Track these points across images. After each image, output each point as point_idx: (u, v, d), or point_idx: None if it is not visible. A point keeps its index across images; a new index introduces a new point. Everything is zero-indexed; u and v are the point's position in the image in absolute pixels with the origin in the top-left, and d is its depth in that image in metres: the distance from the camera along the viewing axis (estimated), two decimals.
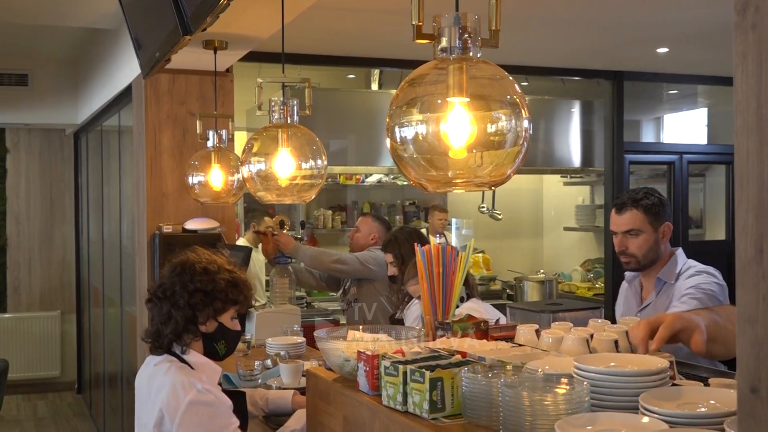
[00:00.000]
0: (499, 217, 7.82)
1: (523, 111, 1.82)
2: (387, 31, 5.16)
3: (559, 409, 1.59)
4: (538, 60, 5.82)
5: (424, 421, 1.85)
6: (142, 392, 2.56)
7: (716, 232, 7.43)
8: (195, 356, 2.50)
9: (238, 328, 2.59)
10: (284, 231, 5.05)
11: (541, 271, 8.45)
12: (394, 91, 6.57)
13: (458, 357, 2.03)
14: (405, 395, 1.92)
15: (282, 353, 3.55)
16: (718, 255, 6.64)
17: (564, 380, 1.65)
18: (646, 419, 1.50)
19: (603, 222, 7.57)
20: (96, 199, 7.37)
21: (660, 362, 1.71)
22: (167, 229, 4.63)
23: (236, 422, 2.42)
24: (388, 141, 1.86)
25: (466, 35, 1.82)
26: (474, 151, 1.82)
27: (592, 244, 8.49)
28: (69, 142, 8.61)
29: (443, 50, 1.82)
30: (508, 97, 1.83)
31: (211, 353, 2.53)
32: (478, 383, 1.78)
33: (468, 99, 1.81)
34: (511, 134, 1.82)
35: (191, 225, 4.67)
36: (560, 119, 7.33)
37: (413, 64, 5.91)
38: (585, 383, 1.63)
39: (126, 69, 5.30)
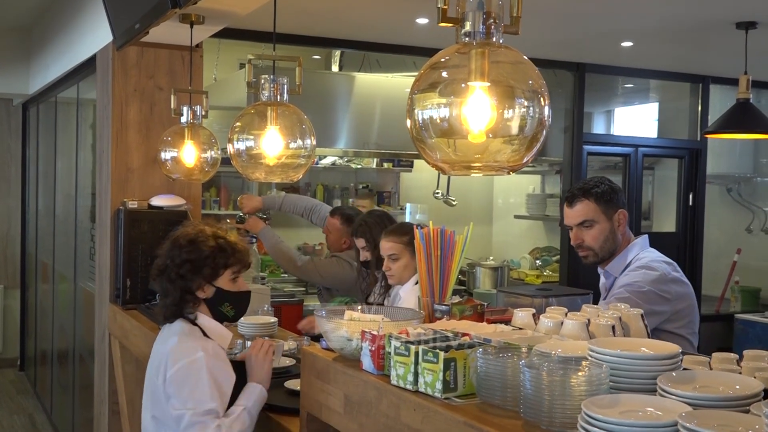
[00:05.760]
0: (454, 203, 7.87)
1: (543, 98, 1.85)
2: (356, 12, 5.15)
3: (581, 390, 1.64)
4: None
5: (437, 401, 1.87)
6: (155, 353, 2.71)
7: (663, 224, 7.62)
8: (206, 320, 2.68)
9: (244, 288, 2.75)
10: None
11: (491, 258, 8.55)
12: (354, 74, 6.49)
13: (466, 338, 2.05)
14: (416, 375, 1.94)
15: (265, 337, 3.53)
16: (669, 246, 6.85)
17: (584, 363, 1.69)
18: (668, 401, 1.55)
19: (555, 211, 7.71)
20: (47, 173, 7.20)
21: (673, 347, 1.77)
22: (132, 204, 4.54)
23: (213, 405, 2.49)
24: (408, 122, 1.87)
25: (491, 20, 1.83)
26: (492, 135, 1.84)
27: (540, 233, 8.62)
28: (17, 113, 8.38)
29: (466, 34, 1.84)
30: (530, 82, 1.86)
31: (219, 316, 2.72)
32: (493, 364, 1.81)
33: (489, 84, 1.82)
34: (530, 120, 1.84)
35: (157, 201, 4.59)
36: None
37: (381, 47, 5.86)
38: (604, 366, 1.68)
39: (89, 39, 5.18)
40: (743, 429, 1.40)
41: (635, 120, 8.42)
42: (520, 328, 2.27)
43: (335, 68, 7.32)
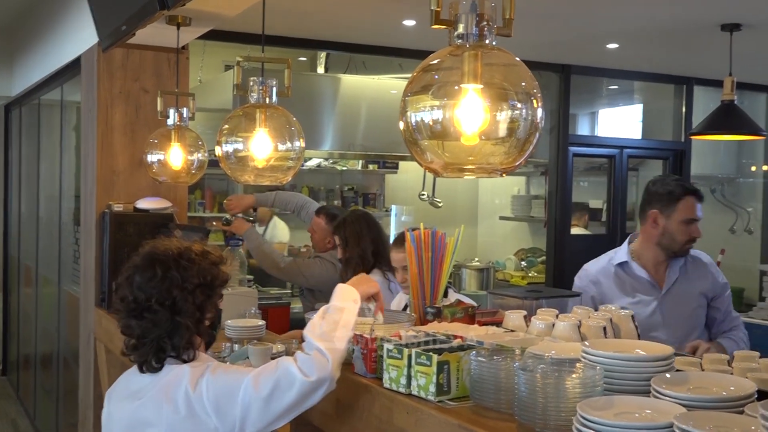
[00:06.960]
0: (440, 204, 7.87)
1: (535, 100, 1.84)
2: (342, 14, 5.15)
3: (575, 392, 1.63)
4: None
5: (430, 404, 1.87)
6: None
7: None
8: (203, 355, 2.25)
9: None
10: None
11: (476, 259, 8.56)
12: (340, 75, 6.46)
13: (459, 341, 2.05)
14: (409, 378, 1.93)
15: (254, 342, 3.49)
16: None
17: (578, 365, 1.69)
18: (662, 403, 1.55)
19: (540, 212, 7.73)
20: (30, 175, 7.14)
21: (667, 348, 1.77)
22: (118, 207, 4.51)
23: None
24: (401, 124, 1.87)
25: (483, 22, 1.83)
26: (485, 138, 1.84)
27: (525, 234, 8.64)
28: None
29: (459, 36, 1.83)
30: (523, 84, 1.85)
31: (210, 342, 2.33)
32: (487, 366, 1.81)
33: (482, 86, 1.82)
34: (523, 123, 1.84)
35: (143, 204, 4.56)
36: None
37: (367, 49, 5.84)
38: (598, 368, 1.68)
39: (73, 41, 5.15)
40: (739, 430, 1.41)
41: (620, 121, 8.45)
42: (512, 330, 2.27)
43: (321, 70, 7.30)
